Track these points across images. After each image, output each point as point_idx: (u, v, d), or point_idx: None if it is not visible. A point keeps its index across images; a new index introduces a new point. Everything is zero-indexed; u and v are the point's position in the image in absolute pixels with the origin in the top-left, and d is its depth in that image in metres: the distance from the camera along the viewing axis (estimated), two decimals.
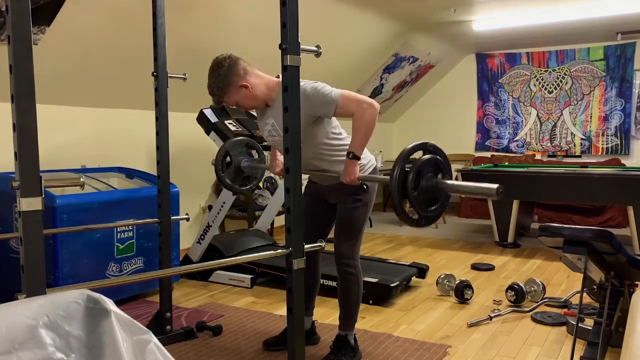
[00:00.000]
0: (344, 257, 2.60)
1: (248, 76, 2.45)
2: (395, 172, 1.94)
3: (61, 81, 3.66)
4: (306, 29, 2.58)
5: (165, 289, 2.93)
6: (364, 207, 2.59)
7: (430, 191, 1.98)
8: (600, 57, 6.96)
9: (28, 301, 1.17)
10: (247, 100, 2.48)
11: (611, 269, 2.56)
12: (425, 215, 2.00)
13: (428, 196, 1.99)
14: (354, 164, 2.36)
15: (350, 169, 2.36)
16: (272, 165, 2.80)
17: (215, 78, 2.42)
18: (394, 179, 1.93)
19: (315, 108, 2.37)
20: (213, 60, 2.45)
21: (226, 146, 2.96)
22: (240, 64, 2.44)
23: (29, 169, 1.31)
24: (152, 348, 1.21)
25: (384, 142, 8.21)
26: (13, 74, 1.29)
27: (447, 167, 2.05)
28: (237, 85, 2.43)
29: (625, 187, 4.78)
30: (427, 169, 1.99)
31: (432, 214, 2.01)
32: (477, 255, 4.99)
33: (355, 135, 2.36)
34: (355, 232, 2.60)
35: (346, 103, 2.35)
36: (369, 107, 2.34)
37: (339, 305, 2.70)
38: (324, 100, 2.35)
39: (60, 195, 3.17)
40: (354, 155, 2.35)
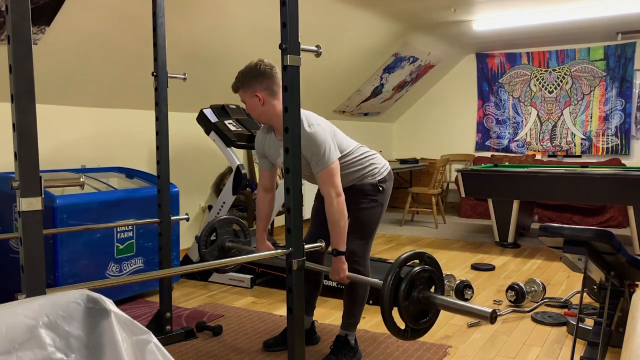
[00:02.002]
0: (355, 255, 2.61)
1: (269, 93, 2.45)
2: (390, 278, 1.91)
3: (61, 81, 3.66)
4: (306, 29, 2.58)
5: (165, 289, 2.92)
6: (379, 207, 2.65)
7: (421, 304, 1.95)
8: (601, 57, 6.96)
9: (28, 301, 1.16)
10: (252, 108, 2.50)
11: (611, 269, 2.56)
12: (412, 328, 1.95)
13: (418, 308, 1.95)
14: (340, 261, 2.39)
15: (338, 267, 2.40)
16: (258, 249, 2.79)
17: (246, 71, 2.45)
18: (387, 285, 1.91)
19: (307, 155, 2.39)
20: (260, 59, 2.48)
21: (214, 223, 2.94)
22: (271, 80, 2.45)
23: (29, 169, 1.31)
24: (152, 348, 1.21)
25: (384, 142, 8.21)
26: (13, 74, 1.29)
27: (441, 282, 2.04)
28: (253, 92, 2.45)
29: (626, 187, 4.78)
30: (421, 280, 1.97)
31: (419, 327, 1.97)
32: (477, 255, 4.99)
33: (332, 232, 2.41)
34: (369, 231, 2.64)
35: (325, 178, 2.38)
36: (336, 198, 2.37)
37: (343, 304, 2.70)
38: (316, 159, 2.38)
39: (60, 195, 3.17)
40: (338, 252, 2.39)
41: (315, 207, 2.81)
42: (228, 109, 4.34)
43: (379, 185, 2.63)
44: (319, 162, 2.38)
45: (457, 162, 7.74)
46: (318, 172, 2.40)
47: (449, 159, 7.04)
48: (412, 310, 1.94)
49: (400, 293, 1.91)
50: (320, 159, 2.37)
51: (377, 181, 2.63)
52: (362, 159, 2.63)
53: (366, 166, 2.63)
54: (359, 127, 7.40)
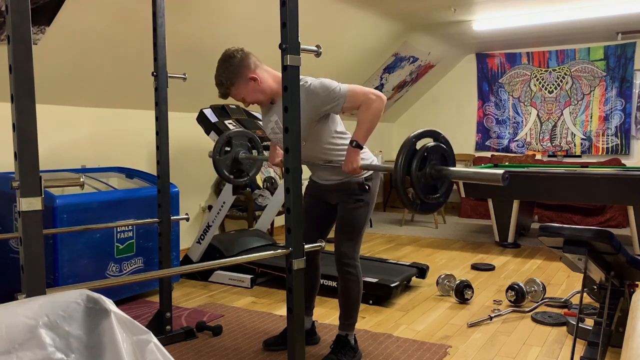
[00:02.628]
0: (344, 257, 2.60)
1: (258, 70, 2.46)
2: (405, 149, 1.93)
3: (61, 81, 3.66)
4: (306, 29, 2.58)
5: (165, 289, 2.93)
6: (365, 207, 2.60)
7: (433, 178, 1.98)
8: (601, 57, 6.96)
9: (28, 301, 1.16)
10: (253, 93, 2.48)
11: (611, 269, 2.56)
12: (423, 201, 1.98)
13: (430, 182, 1.98)
14: (356, 152, 2.36)
15: (352, 158, 2.37)
16: (272, 156, 2.79)
17: (225, 68, 2.43)
18: (402, 155, 1.92)
19: (323, 104, 2.38)
20: (224, 52, 2.46)
21: (230, 134, 2.95)
22: (251, 58, 2.46)
23: (29, 169, 1.31)
24: (152, 348, 1.21)
25: (384, 142, 8.21)
26: (13, 74, 1.29)
27: (453, 162, 2.06)
28: (247, 78, 2.44)
29: (626, 187, 4.78)
30: (435, 155, 1.99)
31: (431, 201, 1.99)
32: (477, 255, 4.99)
33: (360, 125, 2.37)
34: (356, 232, 2.61)
35: (354, 96, 2.36)
36: (377, 98, 2.36)
37: (339, 305, 2.70)
38: (333, 96, 2.36)
39: (60, 195, 3.17)
40: (357, 144, 2.36)
41: (306, 207, 2.72)
42: (228, 109, 4.34)
43: (365, 184, 2.57)
44: (337, 95, 2.35)
45: (457, 161, 7.71)
46: (344, 103, 2.36)
47: None
48: (423, 182, 1.96)
49: (413, 164, 1.94)
50: (337, 92, 2.35)
51: (363, 179, 2.57)
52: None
53: None
54: None
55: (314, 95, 2.36)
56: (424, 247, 5.38)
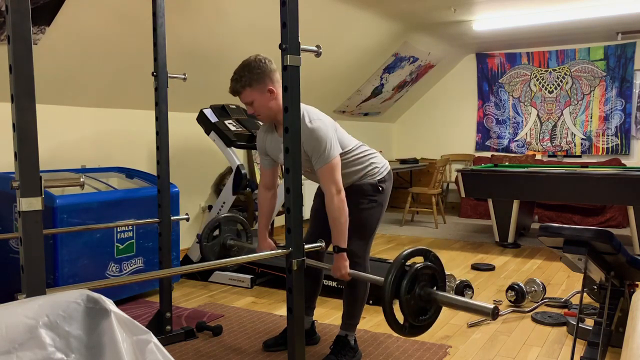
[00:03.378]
0: (355, 256, 2.61)
1: (278, 86, 2.43)
2: (393, 270, 1.91)
3: (61, 81, 3.66)
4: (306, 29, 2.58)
5: (165, 289, 2.92)
6: (379, 207, 2.63)
7: (422, 300, 1.95)
8: (601, 57, 6.96)
9: (28, 301, 1.16)
10: (263, 105, 2.44)
11: (611, 269, 2.56)
12: (412, 323, 1.95)
13: (419, 304, 1.95)
14: (342, 258, 2.38)
15: (340, 265, 2.38)
16: (260, 247, 2.78)
17: (250, 69, 2.38)
18: (390, 276, 1.91)
19: (307, 151, 2.38)
20: (255, 55, 2.42)
21: (218, 219, 2.94)
22: (276, 72, 2.42)
23: (29, 169, 1.31)
24: (152, 348, 1.21)
25: (384, 142, 8.21)
26: (13, 74, 1.29)
27: (443, 281, 2.03)
28: (266, 87, 2.40)
29: (626, 187, 4.78)
30: (424, 276, 1.97)
31: (419, 323, 1.96)
32: (477, 255, 4.99)
33: (333, 229, 2.39)
34: (368, 231, 2.63)
35: (326, 174, 2.37)
36: (336, 195, 2.35)
37: (343, 304, 2.70)
38: (316, 154, 2.36)
39: (60, 195, 3.17)
40: (339, 249, 2.38)
41: (315, 207, 2.81)
42: (228, 109, 4.34)
43: (378, 185, 2.61)
44: (320, 157, 2.36)
45: (457, 162, 7.75)
46: (319, 168, 2.38)
47: (449, 159, 7.04)
48: (412, 305, 1.94)
49: (402, 286, 1.91)
50: (321, 154, 2.36)
51: (376, 181, 2.61)
52: (362, 158, 2.62)
53: (366, 165, 2.62)
54: (359, 127, 7.40)
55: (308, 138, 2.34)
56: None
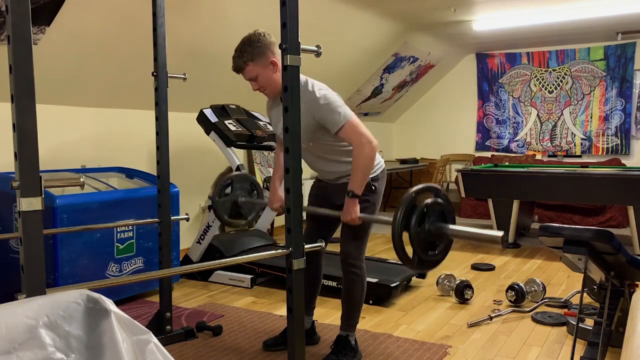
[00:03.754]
0: (349, 257, 2.60)
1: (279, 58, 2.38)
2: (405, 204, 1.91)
3: (61, 81, 3.66)
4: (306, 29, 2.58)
5: (165, 289, 2.92)
6: (371, 207, 2.61)
7: (432, 235, 1.96)
8: (601, 57, 6.96)
9: (28, 301, 1.16)
10: (267, 79, 2.44)
11: (611, 269, 2.56)
12: (420, 257, 1.95)
13: (428, 238, 1.96)
14: (354, 203, 2.37)
15: (350, 208, 2.38)
16: (271, 200, 2.78)
17: (251, 44, 2.39)
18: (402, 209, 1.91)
19: (319, 118, 2.38)
20: (256, 30, 2.42)
21: (231, 177, 2.95)
22: (275, 44, 2.41)
23: (29, 169, 1.31)
24: (152, 348, 1.21)
25: (384, 142, 8.21)
26: (13, 74, 1.29)
27: (453, 217, 2.03)
28: (269, 60, 2.41)
29: (626, 187, 4.78)
30: (434, 212, 1.97)
31: (428, 258, 1.97)
32: (477, 255, 4.99)
33: (354, 174, 2.38)
34: (362, 232, 2.61)
35: (349, 130, 2.36)
36: (368, 144, 2.35)
37: (342, 305, 2.70)
38: (331, 117, 2.36)
39: (60, 195, 3.17)
40: (354, 194, 2.37)
41: (311, 205, 2.77)
42: (228, 109, 4.34)
43: (371, 184, 2.58)
44: (337, 119, 2.35)
45: (457, 162, 7.74)
46: (339, 130, 2.35)
47: (449, 159, 7.04)
48: (422, 238, 1.94)
49: (412, 219, 1.92)
50: (338, 115, 2.35)
51: (369, 180, 2.57)
52: None
53: None
54: None
55: (316, 105, 2.36)
56: None
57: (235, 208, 2.95)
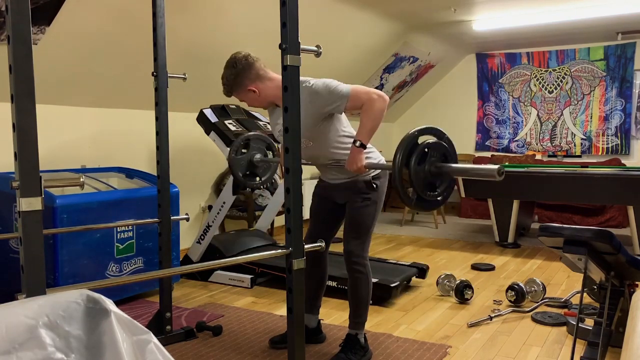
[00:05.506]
0: (353, 256, 2.61)
1: (259, 81, 2.50)
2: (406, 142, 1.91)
3: (61, 81, 3.66)
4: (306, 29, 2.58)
5: (165, 289, 2.93)
6: (373, 205, 2.62)
7: (432, 174, 1.95)
8: (601, 57, 6.96)
9: (28, 301, 1.16)
10: (253, 102, 2.56)
11: (611, 269, 2.56)
12: (420, 197, 1.95)
13: (429, 179, 1.96)
14: (359, 151, 2.37)
15: (356, 157, 2.37)
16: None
17: (229, 74, 2.50)
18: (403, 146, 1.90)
19: (326, 104, 2.41)
20: (231, 56, 2.51)
21: (249, 136, 2.97)
22: (254, 68, 2.48)
23: (29, 169, 1.31)
24: (152, 348, 1.21)
25: (384, 142, 8.21)
26: (13, 74, 1.29)
27: (455, 159, 2.03)
28: (246, 89, 2.50)
29: (626, 187, 4.78)
30: (436, 152, 1.97)
31: (429, 198, 1.97)
32: (477, 255, 4.99)
33: (363, 124, 2.38)
34: (365, 230, 2.62)
35: (356, 95, 2.38)
36: (379, 98, 2.37)
37: (349, 304, 2.71)
38: (335, 96, 2.38)
39: (60, 195, 3.17)
40: (361, 143, 2.37)
41: (314, 207, 2.80)
42: (228, 109, 4.34)
43: (372, 183, 2.59)
44: (340, 94, 2.38)
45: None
46: (346, 102, 2.38)
47: None
48: (422, 176, 1.94)
49: (412, 158, 1.92)
50: (339, 92, 2.37)
51: (370, 178, 2.59)
52: None
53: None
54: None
55: (317, 96, 2.39)
56: (424, 247, 5.38)
57: (250, 167, 2.97)
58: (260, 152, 3.01)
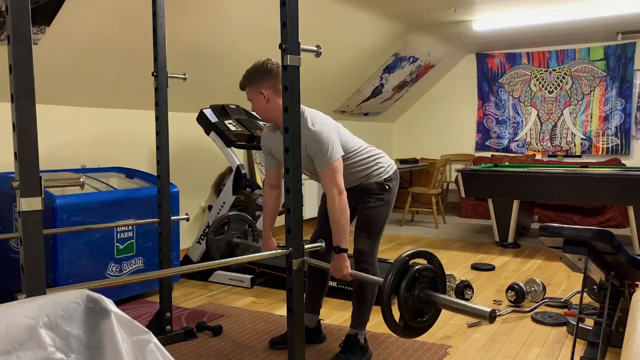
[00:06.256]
0: (363, 255, 2.63)
1: (273, 91, 2.47)
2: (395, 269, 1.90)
3: (61, 81, 3.66)
4: (306, 29, 2.58)
5: (165, 289, 2.93)
6: (386, 206, 2.66)
7: (421, 301, 1.93)
8: (601, 57, 6.96)
9: (28, 301, 1.16)
10: (257, 105, 2.52)
11: (611, 269, 2.56)
12: (407, 323, 1.93)
13: (417, 305, 1.94)
14: (343, 258, 2.38)
15: (340, 264, 2.38)
16: (264, 246, 2.79)
17: (255, 69, 2.47)
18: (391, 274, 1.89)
19: (313, 154, 2.41)
20: (267, 58, 2.50)
21: (229, 216, 2.97)
22: (277, 79, 2.46)
23: (29, 169, 1.31)
24: (152, 348, 1.21)
25: (384, 142, 8.21)
26: (13, 74, 1.29)
27: (443, 287, 2.01)
28: (260, 89, 2.47)
29: (626, 187, 4.78)
30: (425, 278, 1.95)
31: (415, 325, 1.95)
32: (477, 255, 4.99)
33: (335, 230, 2.39)
34: (376, 230, 2.65)
35: (328, 175, 2.38)
36: (338, 196, 2.37)
37: (352, 303, 2.71)
38: (323, 158, 2.38)
39: (60, 195, 3.17)
40: (340, 249, 2.38)
41: (322, 208, 2.81)
42: (228, 109, 4.34)
43: (385, 184, 2.64)
44: (322, 159, 2.39)
45: (457, 162, 7.74)
46: (321, 170, 2.40)
47: (449, 159, 7.04)
48: (410, 304, 1.92)
49: (402, 284, 1.90)
50: (324, 156, 2.38)
51: (383, 180, 2.64)
52: (368, 159, 2.63)
53: (372, 165, 2.64)
54: (359, 127, 7.39)
55: (313, 142, 2.38)
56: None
57: (229, 248, 2.97)
58: (239, 232, 3.00)
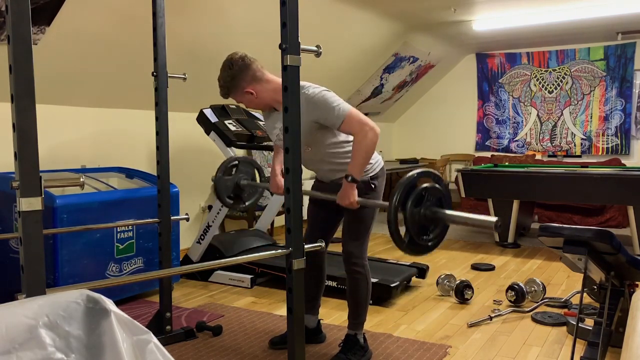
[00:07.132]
0: (352, 257, 2.61)
1: (256, 82, 2.46)
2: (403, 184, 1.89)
3: (61, 81, 3.66)
4: (306, 29, 2.58)
5: (165, 289, 2.93)
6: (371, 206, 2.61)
7: (427, 219, 1.93)
8: (601, 57, 6.96)
9: (28, 301, 1.16)
10: (250, 103, 2.53)
11: (611, 269, 2.56)
12: (412, 240, 1.93)
13: (423, 223, 1.94)
14: (352, 187, 2.35)
15: (348, 192, 2.35)
16: (272, 184, 2.78)
17: (225, 76, 2.46)
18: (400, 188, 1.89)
19: (321, 117, 2.38)
20: (227, 57, 2.47)
21: (238, 158, 2.96)
22: (250, 69, 2.45)
23: (29, 169, 1.31)
24: (152, 348, 1.21)
25: (384, 142, 8.21)
26: (13, 74, 1.29)
27: (449, 206, 2.01)
28: (243, 90, 2.47)
29: (626, 187, 4.78)
30: (432, 197, 1.95)
31: (420, 242, 1.95)
32: (477, 255, 4.99)
33: (354, 158, 2.36)
34: (363, 231, 2.62)
35: (350, 121, 2.35)
36: (371, 130, 2.34)
37: (348, 304, 2.71)
38: (331, 114, 2.36)
39: (60, 195, 3.17)
40: (353, 178, 2.34)
41: (311, 209, 2.80)
42: (228, 109, 4.34)
43: (370, 183, 2.58)
44: (337, 114, 2.34)
45: (457, 162, 7.74)
46: (340, 124, 2.35)
47: (449, 159, 7.04)
48: (416, 220, 1.92)
49: (409, 200, 1.90)
50: (336, 111, 2.34)
51: (369, 178, 2.58)
52: None
53: None
54: None
55: (314, 106, 2.36)
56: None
57: (236, 190, 2.94)
58: (248, 175, 2.99)
